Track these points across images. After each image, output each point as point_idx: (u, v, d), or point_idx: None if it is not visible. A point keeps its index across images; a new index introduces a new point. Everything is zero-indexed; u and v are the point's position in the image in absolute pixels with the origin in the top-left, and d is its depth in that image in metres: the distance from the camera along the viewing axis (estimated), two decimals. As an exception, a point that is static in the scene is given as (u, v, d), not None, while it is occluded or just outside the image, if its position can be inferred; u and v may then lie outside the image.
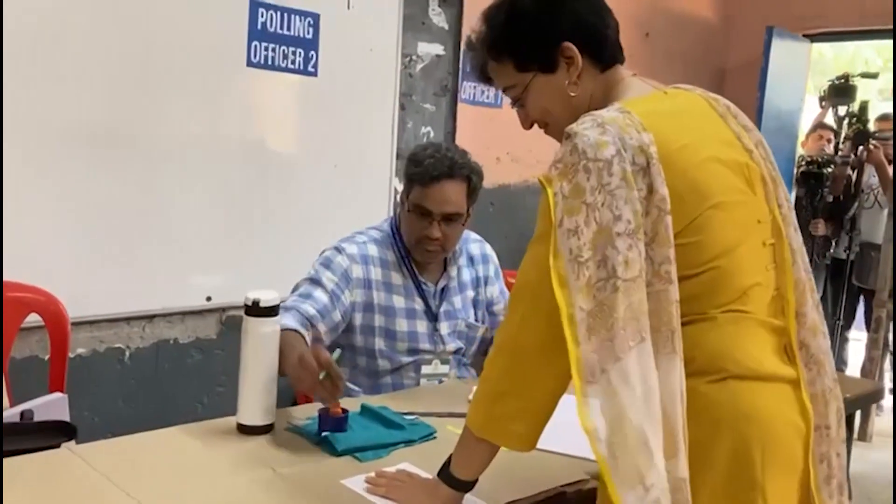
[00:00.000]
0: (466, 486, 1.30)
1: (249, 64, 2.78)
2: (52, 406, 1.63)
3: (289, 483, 1.38)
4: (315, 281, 1.98)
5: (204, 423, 1.64)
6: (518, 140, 3.61)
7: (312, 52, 2.94)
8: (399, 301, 2.05)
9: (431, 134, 3.39)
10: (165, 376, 2.79)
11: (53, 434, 1.52)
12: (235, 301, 2.87)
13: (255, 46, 2.79)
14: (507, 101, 3.93)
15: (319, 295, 1.94)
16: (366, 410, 1.72)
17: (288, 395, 2.00)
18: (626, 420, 1.04)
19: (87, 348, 2.61)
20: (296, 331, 1.80)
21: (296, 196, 2.97)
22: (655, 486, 1.04)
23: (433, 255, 2.06)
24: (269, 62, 2.83)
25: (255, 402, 1.59)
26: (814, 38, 4.51)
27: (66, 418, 1.74)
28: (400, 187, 3.29)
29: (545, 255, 1.10)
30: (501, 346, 1.19)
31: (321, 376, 1.55)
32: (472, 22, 3.36)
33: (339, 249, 2.03)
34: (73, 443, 1.59)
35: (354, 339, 2.04)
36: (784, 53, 4.31)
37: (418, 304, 2.08)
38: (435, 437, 1.65)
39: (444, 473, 1.30)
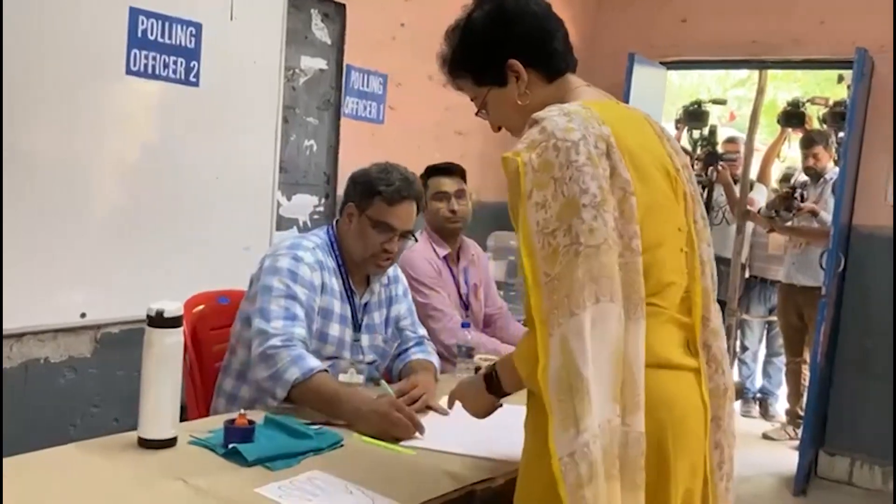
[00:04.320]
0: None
1: (129, 72, 2.69)
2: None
3: (202, 494, 1.36)
4: (292, 297, 1.98)
5: (101, 439, 1.58)
6: (399, 155, 3.63)
7: (194, 62, 2.88)
8: (336, 306, 2.11)
9: (315, 147, 3.39)
10: (35, 397, 2.63)
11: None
12: (111, 318, 2.75)
13: (135, 54, 2.70)
14: (388, 116, 3.96)
15: (299, 312, 1.97)
16: (270, 421, 1.71)
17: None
18: (572, 368, 1.14)
19: (-52, 369, 2.43)
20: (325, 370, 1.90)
21: (175, 209, 2.89)
22: (588, 430, 1.13)
23: (384, 269, 2.18)
24: (149, 71, 2.75)
25: (158, 415, 1.55)
26: (670, 65, 4.84)
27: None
28: (283, 200, 3.28)
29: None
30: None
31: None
32: (354, 38, 3.44)
33: (296, 259, 2.04)
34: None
35: None
36: (644, 79, 4.59)
37: (348, 313, 2.14)
38: (342, 445, 1.67)
39: (497, 388, 1.46)
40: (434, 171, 2.83)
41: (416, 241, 2.31)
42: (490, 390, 1.47)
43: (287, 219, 3.31)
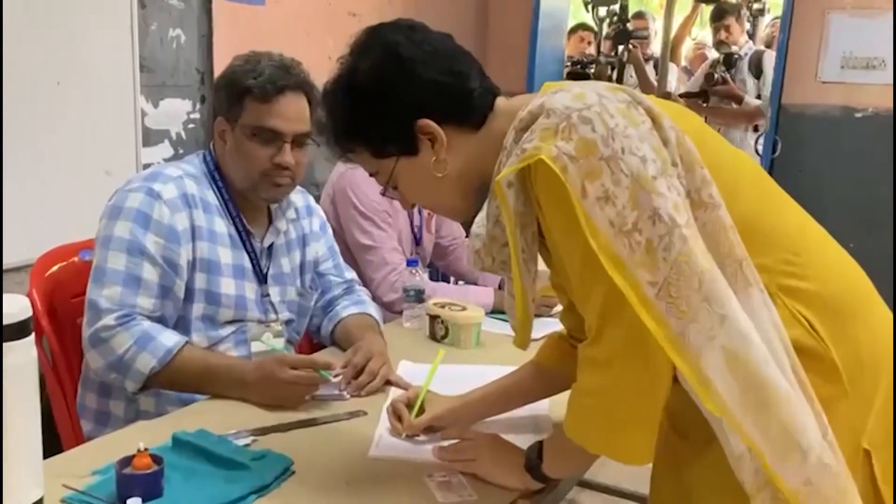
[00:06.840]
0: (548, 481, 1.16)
1: (-88, -60, 1.94)
2: None
3: None
4: (138, 251, 1.46)
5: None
6: (286, 43, 3.00)
7: (8, -73, 2.13)
8: (225, 254, 1.58)
9: (182, 38, 2.70)
10: None
11: None
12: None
13: (-82, -86, 1.94)
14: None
15: (147, 274, 1.47)
16: (181, 445, 1.20)
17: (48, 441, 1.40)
18: (759, 380, 0.90)
19: None
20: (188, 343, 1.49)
21: (7, 130, 2.19)
22: (813, 446, 0.91)
23: (284, 189, 1.62)
24: (-57, -62, 2.00)
25: (12, 474, 1.00)
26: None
27: None
28: (148, 107, 2.62)
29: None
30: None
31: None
32: None
33: (151, 194, 1.50)
34: None
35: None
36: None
37: (246, 262, 1.62)
38: (294, 472, 1.17)
39: (536, 470, 1.14)
40: None
41: (319, 146, 1.76)
42: (529, 468, 1.15)
43: (156, 131, 2.65)
